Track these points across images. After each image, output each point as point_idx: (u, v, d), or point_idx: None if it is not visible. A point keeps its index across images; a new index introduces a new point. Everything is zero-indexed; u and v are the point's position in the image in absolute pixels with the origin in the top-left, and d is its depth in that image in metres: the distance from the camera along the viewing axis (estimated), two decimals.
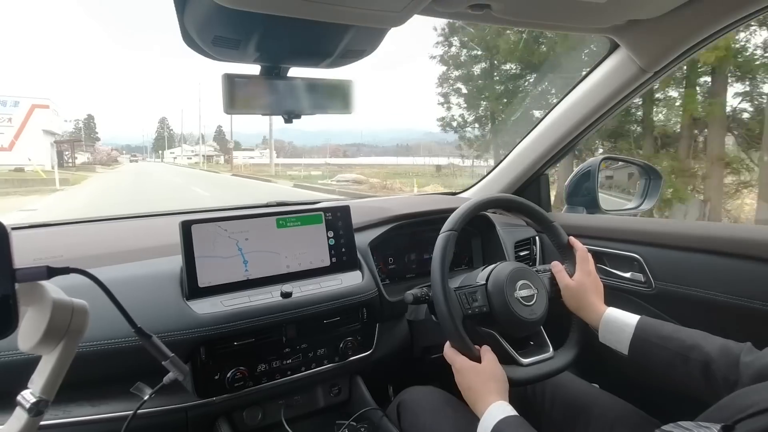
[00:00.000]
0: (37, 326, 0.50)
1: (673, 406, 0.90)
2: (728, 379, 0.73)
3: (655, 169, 1.53)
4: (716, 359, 0.75)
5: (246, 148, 75.90)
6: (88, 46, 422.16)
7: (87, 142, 55.58)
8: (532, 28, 1.05)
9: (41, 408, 0.51)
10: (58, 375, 0.53)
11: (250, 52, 0.77)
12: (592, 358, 0.99)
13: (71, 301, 0.53)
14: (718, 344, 0.77)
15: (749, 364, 0.71)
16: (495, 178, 1.66)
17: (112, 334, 0.82)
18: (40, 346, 0.51)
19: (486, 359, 0.84)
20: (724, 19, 0.98)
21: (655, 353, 0.83)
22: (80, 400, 0.84)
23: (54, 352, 0.52)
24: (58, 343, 0.52)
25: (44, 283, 0.52)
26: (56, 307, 0.51)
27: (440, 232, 0.92)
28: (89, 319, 0.54)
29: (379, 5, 0.67)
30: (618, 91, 1.25)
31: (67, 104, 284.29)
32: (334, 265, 1.12)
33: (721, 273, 1.05)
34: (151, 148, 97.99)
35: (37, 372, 0.53)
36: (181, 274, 0.95)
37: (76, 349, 0.54)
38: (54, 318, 0.50)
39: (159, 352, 0.65)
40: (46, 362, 0.53)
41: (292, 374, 1.04)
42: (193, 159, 59.36)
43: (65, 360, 0.53)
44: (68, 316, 0.52)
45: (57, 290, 0.53)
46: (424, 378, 1.21)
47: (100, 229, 1.33)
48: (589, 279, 0.96)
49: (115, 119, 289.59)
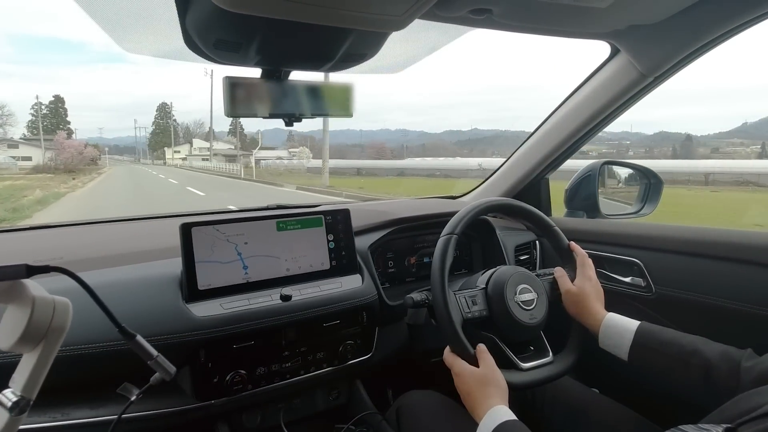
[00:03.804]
0: (17, 324, 0.49)
1: (673, 410, 0.89)
2: (729, 384, 0.73)
3: (656, 174, 1.53)
4: (716, 365, 0.75)
5: (267, 147, 61.74)
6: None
7: (46, 136, 39.06)
8: (533, 33, 1.05)
9: (23, 407, 0.50)
10: (40, 373, 0.52)
11: (251, 55, 0.77)
12: (592, 362, 0.99)
13: (52, 299, 0.52)
14: (718, 350, 0.77)
15: (750, 369, 0.71)
16: (495, 182, 1.66)
17: (104, 336, 0.82)
18: (21, 345, 0.50)
19: (484, 364, 0.84)
20: (725, 25, 0.98)
21: (655, 359, 0.83)
22: (74, 403, 0.84)
23: (35, 351, 0.51)
24: (40, 341, 0.51)
25: (25, 281, 0.51)
26: (37, 304, 0.50)
27: (440, 236, 0.92)
28: (71, 316, 0.53)
29: (380, 9, 0.67)
30: (618, 96, 1.25)
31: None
32: (334, 268, 1.12)
33: (722, 278, 1.05)
34: (145, 147, 72.88)
35: (17, 371, 0.52)
36: (180, 277, 0.95)
37: (57, 347, 0.53)
38: (34, 315, 0.49)
39: (144, 352, 0.64)
40: (27, 361, 0.52)
41: (292, 377, 1.04)
42: (209, 162, 42.43)
43: (47, 358, 0.52)
44: (49, 314, 0.51)
45: (38, 287, 0.52)
46: (424, 382, 1.20)
47: (101, 231, 1.33)
48: (590, 284, 0.96)
49: (99, 109, 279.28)
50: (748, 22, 0.97)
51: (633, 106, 1.31)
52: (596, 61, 1.26)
